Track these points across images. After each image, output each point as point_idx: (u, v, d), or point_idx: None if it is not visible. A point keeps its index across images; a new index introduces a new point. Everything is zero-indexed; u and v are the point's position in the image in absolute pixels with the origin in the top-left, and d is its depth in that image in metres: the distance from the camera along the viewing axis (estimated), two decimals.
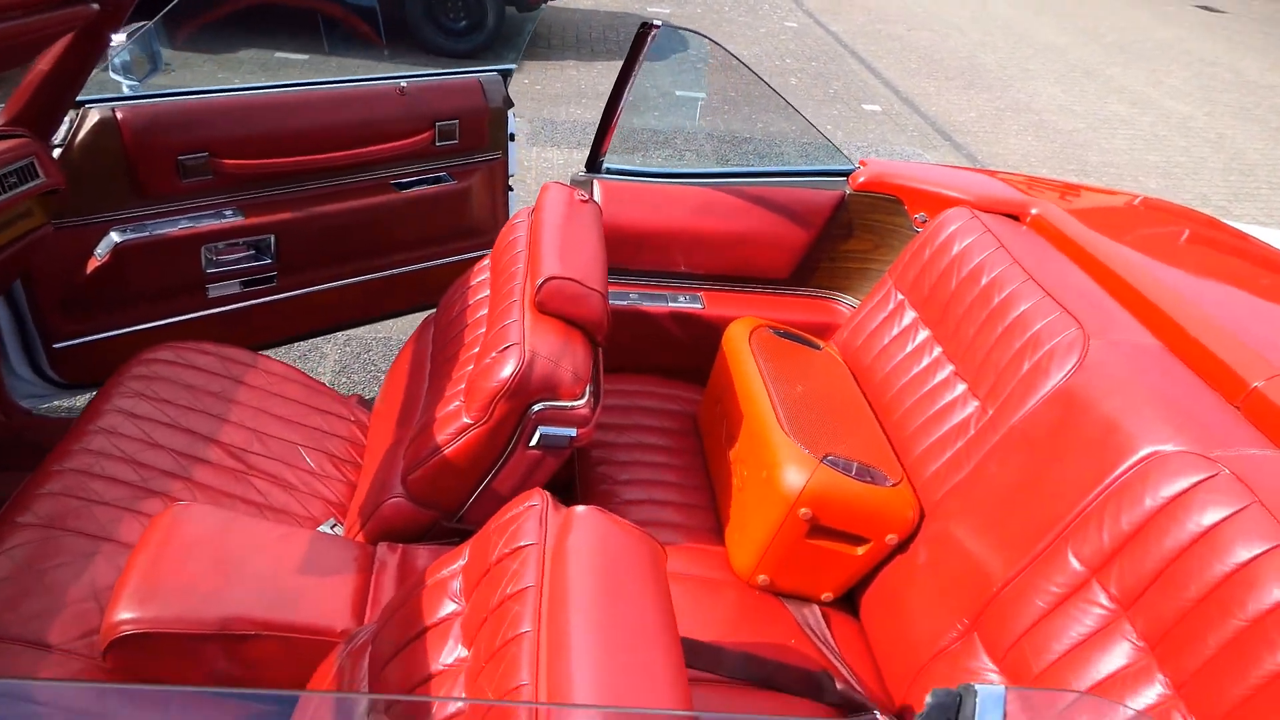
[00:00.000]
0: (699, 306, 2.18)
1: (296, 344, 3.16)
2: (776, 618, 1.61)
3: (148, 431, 1.71)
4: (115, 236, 2.12)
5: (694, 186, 2.16)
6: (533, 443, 1.46)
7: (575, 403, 1.45)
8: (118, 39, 2.08)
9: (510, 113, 2.68)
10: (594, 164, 2.16)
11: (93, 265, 2.11)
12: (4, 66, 1.51)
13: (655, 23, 1.96)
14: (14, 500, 1.50)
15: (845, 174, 2.21)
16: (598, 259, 1.61)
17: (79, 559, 1.43)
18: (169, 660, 1.30)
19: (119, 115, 2.03)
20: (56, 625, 1.32)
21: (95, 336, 2.21)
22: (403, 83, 2.43)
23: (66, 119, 2.00)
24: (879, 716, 1.43)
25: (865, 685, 1.53)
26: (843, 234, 2.23)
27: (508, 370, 1.41)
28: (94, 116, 2.02)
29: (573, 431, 1.46)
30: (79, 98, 2.03)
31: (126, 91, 2.18)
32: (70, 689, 0.96)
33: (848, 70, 7.50)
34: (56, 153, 1.99)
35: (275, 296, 2.45)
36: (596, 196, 2.10)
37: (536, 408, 1.44)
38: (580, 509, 1.04)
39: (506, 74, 2.66)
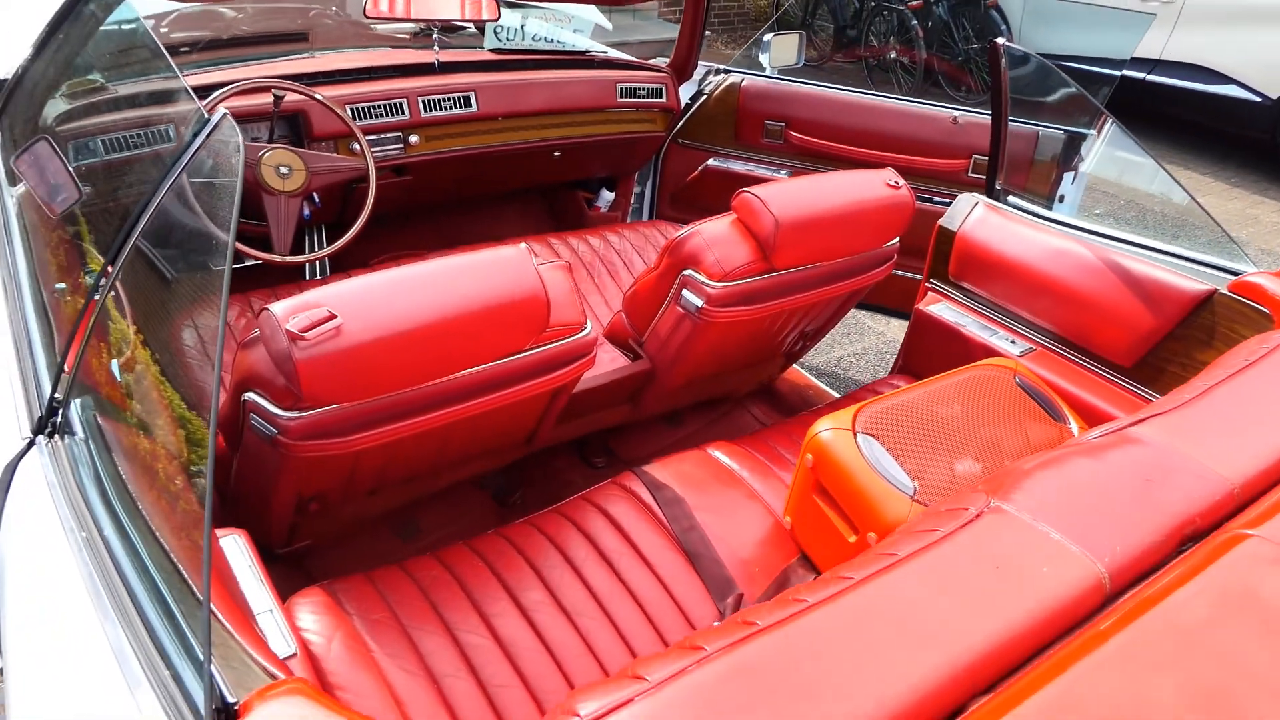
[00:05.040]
0: (1016, 353, 2.03)
1: None
2: (767, 547, 1.67)
3: (609, 259, 2.65)
4: (710, 161, 3.10)
5: (1057, 230, 2.00)
6: (680, 302, 1.89)
7: (712, 282, 1.82)
8: (769, 37, 3.01)
9: (1069, 174, 2.71)
10: (992, 191, 2.19)
11: (690, 177, 3.13)
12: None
13: (999, 40, 1.91)
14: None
15: (1227, 271, 1.73)
16: (817, 209, 1.84)
17: None
18: None
19: (742, 83, 2.97)
20: None
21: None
22: (956, 113, 2.76)
23: (714, 80, 3.03)
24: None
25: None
26: (1202, 339, 1.75)
27: (678, 235, 1.87)
28: (730, 80, 2.99)
29: (700, 302, 1.84)
30: (726, 67, 3.03)
31: (767, 72, 3.10)
32: None
33: None
34: (700, 99, 3.04)
35: None
36: (975, 216, 2.14)
37: (685, 272, 1.86)
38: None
39: (1077, 136, 2.70)
